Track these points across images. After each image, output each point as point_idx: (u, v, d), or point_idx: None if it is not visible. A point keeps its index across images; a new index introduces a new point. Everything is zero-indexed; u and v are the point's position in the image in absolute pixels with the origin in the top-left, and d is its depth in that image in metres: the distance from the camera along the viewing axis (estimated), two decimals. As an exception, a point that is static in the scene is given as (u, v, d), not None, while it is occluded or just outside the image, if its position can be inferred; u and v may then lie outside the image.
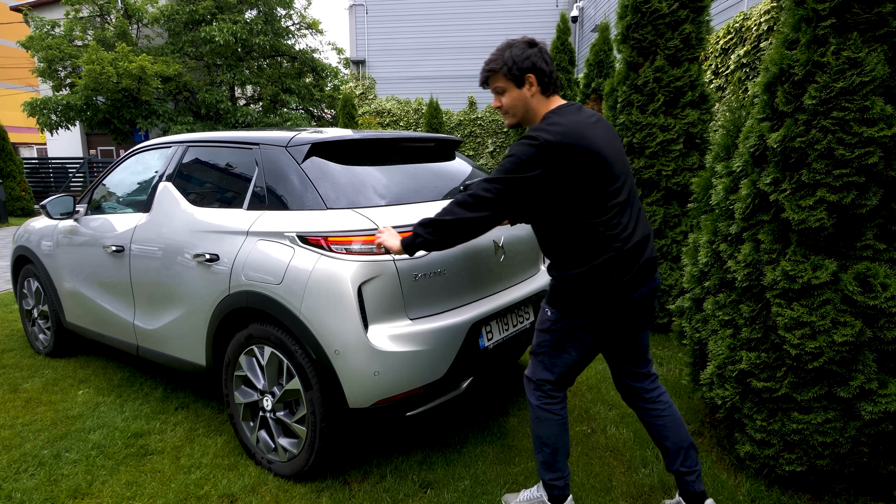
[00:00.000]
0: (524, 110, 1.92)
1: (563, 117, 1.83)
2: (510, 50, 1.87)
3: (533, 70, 1.86)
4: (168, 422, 2.98)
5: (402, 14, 14.81)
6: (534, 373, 2.06)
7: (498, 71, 1.89)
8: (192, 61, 18.02)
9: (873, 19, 2.10)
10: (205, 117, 18.33)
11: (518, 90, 1.89)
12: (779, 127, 2.34)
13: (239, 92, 20.44)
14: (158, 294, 2.91)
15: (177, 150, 3.09)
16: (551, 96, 1.93)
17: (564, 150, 1.74)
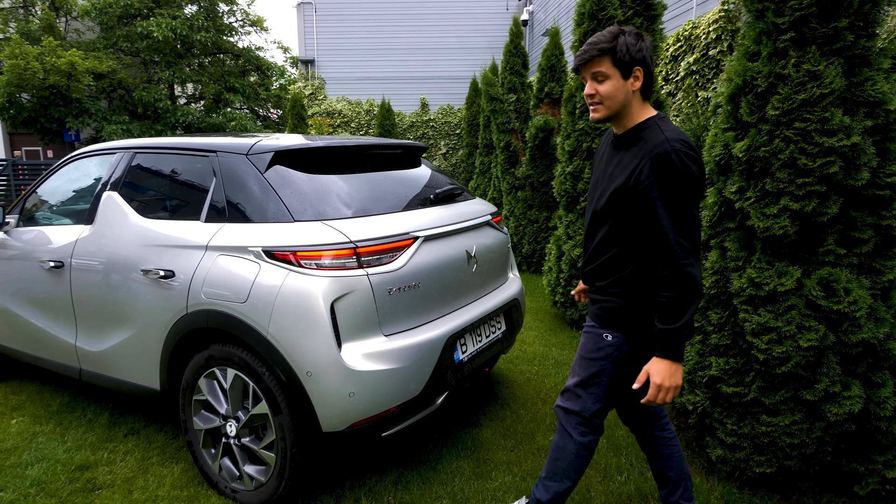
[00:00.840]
0: (621, 105, 1.72)
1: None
2: (623, 36, 1.67)
3: (643, 64, 1.69)
4: (117, 451, 2.76)
5: (352, 13, 14.57)
6: (584, 408, 1.85)
7: (607, 53, 1.67)
8: (128, 57, 17.08)
9: (830, 33, 2.17)
10: (142, 117, 17.42)
11: (623, 81, 1.69)
12: (743, 136, 2.39)
13: (179, 90, 19.57)
14: (105, 313, 2.68)
15: (122, 157, 2.87)
16: (646, 101, 1.78)
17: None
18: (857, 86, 2.20)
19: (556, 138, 6.26)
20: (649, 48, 1.73)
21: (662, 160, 1.61)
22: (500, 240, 3.04)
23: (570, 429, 1.89)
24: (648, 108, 1.78)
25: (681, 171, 1.61)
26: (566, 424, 1.90)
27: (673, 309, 1.62)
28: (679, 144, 1.62)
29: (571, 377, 1.93)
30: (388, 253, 2.24)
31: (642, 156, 1.67)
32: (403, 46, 14.79)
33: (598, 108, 1.76)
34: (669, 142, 1.62)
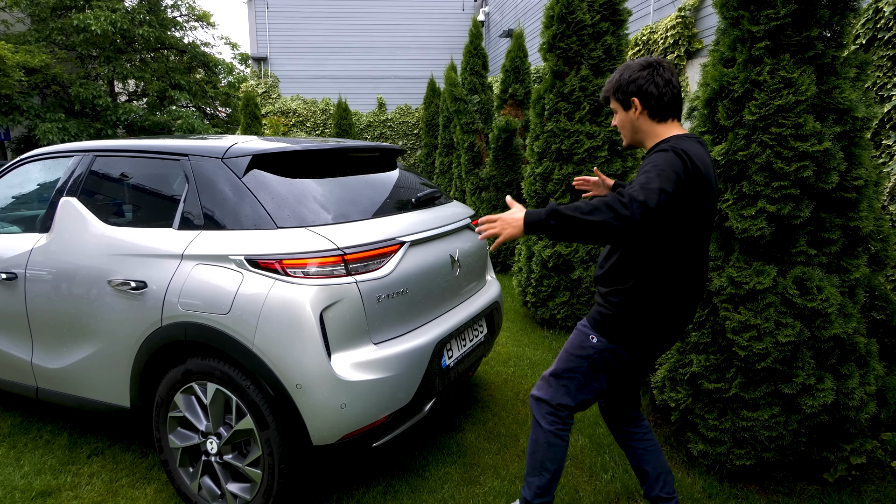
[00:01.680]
0: (632, 131, 1.87)
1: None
2: (623, 73, 1.84)
3: (637, 94, 1.80)
4: (81, 473, 2.58)
5: (307, 10, 14.25)
6: (552, 396, 1.93)
7: (609, 94, 1.89)
8: (63, 52, 16.14)
9: (803, 42, 2.27)
10: (80, 114, 16.50)
11: (625, 112, 1.85)
12: (720, 140, 2.47)
13: (120, 87, 18.65)
14: (66, 328, 2.50)
15: (81, 161, 2.68)
16: (668, 121, 1.82)
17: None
18: (826, 93, 2.30)
19: (518, 139, 6.31)
20: (649, 76, 1.78)
21: (655, 151, 1.74)
22: (479, 243, 3.03)
23: (540, 418, 1.95)
24: (672, 128, 1.83)
25: (669, 155, 1.66)
26: (536, 414, 1.97)
27: (584, 207, 1.60)
28: (681, 149, 1.68)
29: (550, 367, 2.01)
30: (375, 259, 2.19)
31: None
32: (360, 45, 14.60)
33: (621, 136, 1.93)
34: (669, 143, 1.73)
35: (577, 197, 4.42)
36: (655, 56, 1.88)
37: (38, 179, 2.85)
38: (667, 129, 1.82)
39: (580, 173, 4.35)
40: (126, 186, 2.57)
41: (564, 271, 4.45)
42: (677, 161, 1.65)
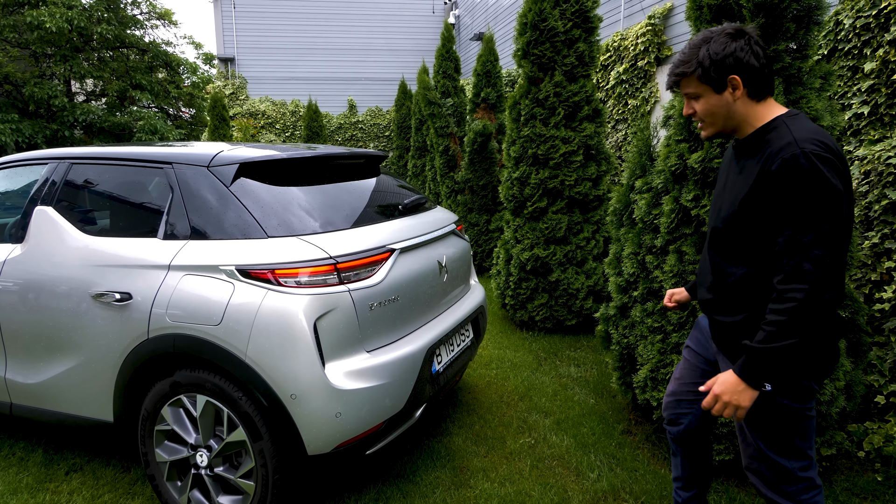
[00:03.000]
0: (726, 118, 1.53)
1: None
2: (706, 47, 1.47)
3: (737, 69, 1.46)
4: (61, 491, 2.51)
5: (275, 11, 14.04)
6: (788, 465, 1.54)
7: (690, 75, 1.51)
8: (15, 49, 15.47)
9: (771, 55, 2.38)
10: (34, 115, 15.84)
11: (718, 95, 1.50)
12: (696, 148, 2.57)
13: (77, 86, 17.98)
14: (42, 341, 2.43)
15: (56, 168, 2.61)
16: (766, 99, 1.53)
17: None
18: (793, 103, 2.42)
19: (493, 143, 6.38)
20: (746, 45, 1.47)
21: (787, 165, 1.37)
22: (464, 248, 3.07)
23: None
24: (772, 107, 1.53)
25: (812, 176, 1.34)
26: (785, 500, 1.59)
27: (774, 332, 1.38)
28: (811, 145, 1.37)
29: (753, 451, 1.60)
30: (367, 267, 2.20)
31: (766, 160, 1.43)
32: (330, 47, 14.47)
33: (704, 126, 1.59)
34: (798, 143, 1.38)
35: (554, 200, 4.51)
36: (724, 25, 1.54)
37: (6, 188, 2.75)
38: (768, 109, 1.52)
39: (556, 177, 4.43)
40: (106, 195, 2.51)
41: (543, 274, 4.53)
42: (822, 179, 1.34)
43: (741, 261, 1.54)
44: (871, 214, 3.03)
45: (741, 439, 1.64)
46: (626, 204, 3.07)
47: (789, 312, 1.36)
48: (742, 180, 1.53)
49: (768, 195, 1.43)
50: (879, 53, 3.12)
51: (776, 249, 1.41)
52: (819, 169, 1.35)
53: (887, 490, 2.42)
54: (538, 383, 3.62)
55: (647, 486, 2.50)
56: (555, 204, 4.51)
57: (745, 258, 1.53)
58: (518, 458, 2.76)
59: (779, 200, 1.40)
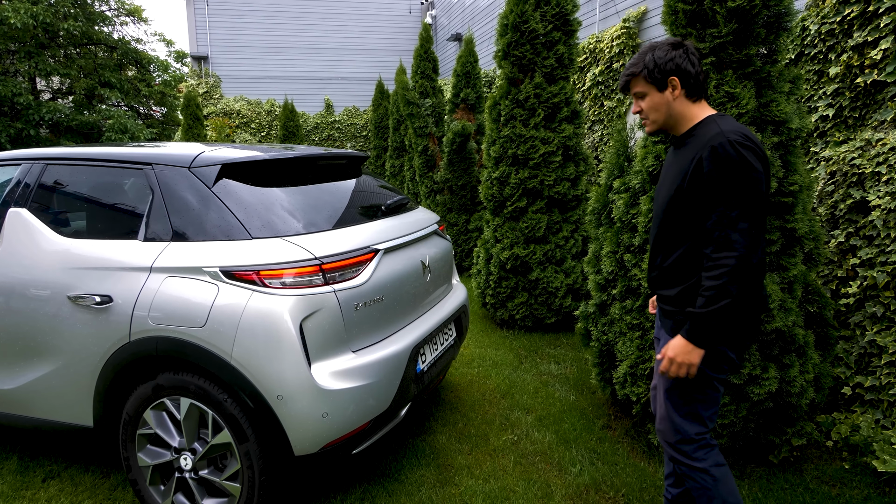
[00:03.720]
0: (667, 115, 1.77)
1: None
2: (652, 53, 1.75)
3: (677, 73, 1.72)
4: (38, 499, 2.46)
5: (250, 9, 13.84)
6: (688, 429, 1.77)
7: (638, 75, 1.77)
8: (-24, 46, 14.96)
9: (743, 59, 2.47)
10: None
11: (660, 94, 1.76)
12: (673, 150, 2.64)
13: (42, 84, 17.48)
14: (17, 346, 2.38)
15: (30, 169, 2.55)
16: (699, 101, 1.77)
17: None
18: (764, 106, 2.51)
19: (472, 143, 6.42)
20: (684, 54, 1.74)
21: (717, 152, 1.60)
22: (446, 248, 3.10)
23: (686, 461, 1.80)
24: (705, 108, 1.78)
25: (737, 160, 1.58)
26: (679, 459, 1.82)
27: (711, 297, 1.60)
28: (735, 135, 1.61)
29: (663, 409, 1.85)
30: (352, 268, 2.21)
31: (696, 150, 1.67)
32: (306, 46, 14.33)
33: (647, 122, 1.83)
34: (724, 133, 1.61)
35: (533, 200, 4.57)
36: (666, 39, 1.81)
37: (-21, 189, 2.67)
38: (701, 109, 1.77)
39: (536, 178, 4.49)
40: (83, 197, 2.46)
41: (522, 273, 4.58)
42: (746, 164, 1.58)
43: (678, 241, 1.77)
44: (837, 213, 3.15)
45: (656, 406, 1.91)
46: (604, 204, 3.13)
47: (723, 277, 1.59)
48: (676, 170, 1.76)
49: (700, 178, 1.65)
50: (843, 58, 3.25)
51: (708, 224, 1.65)
52: (742, 154, 1.59)
53: (854, 477, 2.53)
54: (519, 381, 3.67)
55: (628, 479, 2.56)
56: (534, 203, 4.57)
57: (681, 239, 1.76)
58: (501, 455, 2.80)
59: (709, 182, 1.63)
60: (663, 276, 1.83)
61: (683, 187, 1.70)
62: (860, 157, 3.05)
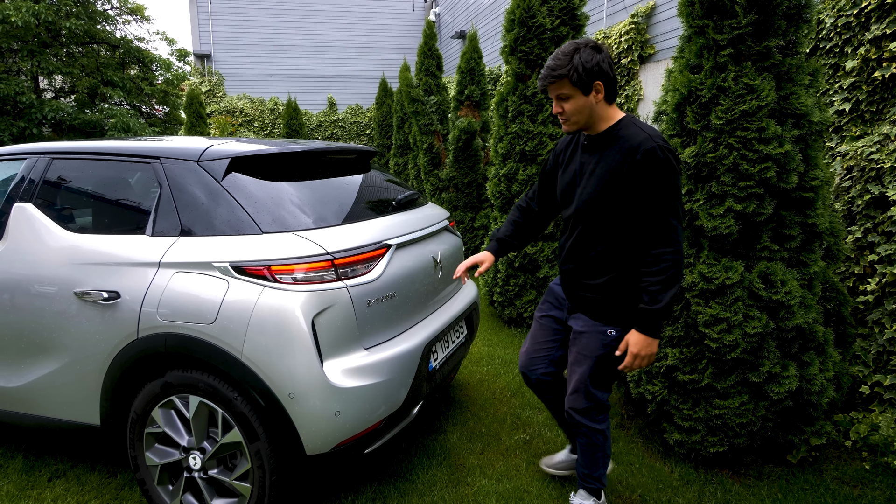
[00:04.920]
0: (588, 117, 1.86)
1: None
2: (578, 54, 1.77)
3: (601, 76, 1.79)
4: (44, 499, 2.41)
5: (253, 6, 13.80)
6: (601, 397, 2.04)
7: (564, 77, 1.79)
8: (-21, 44, 14.93)
9: (763, 51, 2.41)
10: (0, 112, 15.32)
11: (585, 97, 1.81)
12: (690, 143, 2.59)
13: (45, 83, 17.45)
14: (22, 343, 2.33)
15: (35, 164, 2.50)
16: (613, 104, 1.89)
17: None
18: (784, 99, 2.46)
19: (478, 140, 6.37)
20: (607, 58, 1.84)
21: (651, 155, 1.75)
22: (456, 244, 3.05)
23: (593, 424, 2.08)
24: (616, 111, 1.91)
25: (668, 164, 1.76)
26: (586, 422, 2.09)
27: (658, 291, 1.80)
28: (660, 141, 1.78)
29: (577, 379, 2.06)
30: (364, 263, 2.16)
31: (627, 152, 1.80)
32: (309, 44, 14.29)
33: (568, 123, 1.91)
34: (652, 139, 1.77)
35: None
36: (584, 39, 1.87)
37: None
38: (614, 111, 1.89)
39: (544, 174, 4.44)
40: (90, 191, 2.42)
41: (531, 270, 4.53)
42: (673, 166, 1.78)
43: (604, 235, 1.90)
44: (854, 209, 3.10)
45: (571, 381, 2.08)
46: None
47: (668, 270, 1.78)
48: (602, 168, 1.86)
49: (631, 179, 1.78)
50: (861, 52, 3.19)
51: (645, 223, 1.80)
52: (669, 158, 1.76)
53: (875, 478, 2.47)
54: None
55: (643, 480, 2.51)
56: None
57: (607, 233, 1.89)
58: (514, 455, 2.75)
59: (642, 183, 1.77)
60: (588, 266, 1.97)
61: (615, 187, 1.81)
62: (878, 151, 3.00)
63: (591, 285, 1.98)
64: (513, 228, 2.29)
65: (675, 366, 2.59)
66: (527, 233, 2.31)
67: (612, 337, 1.97)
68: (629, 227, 1.86)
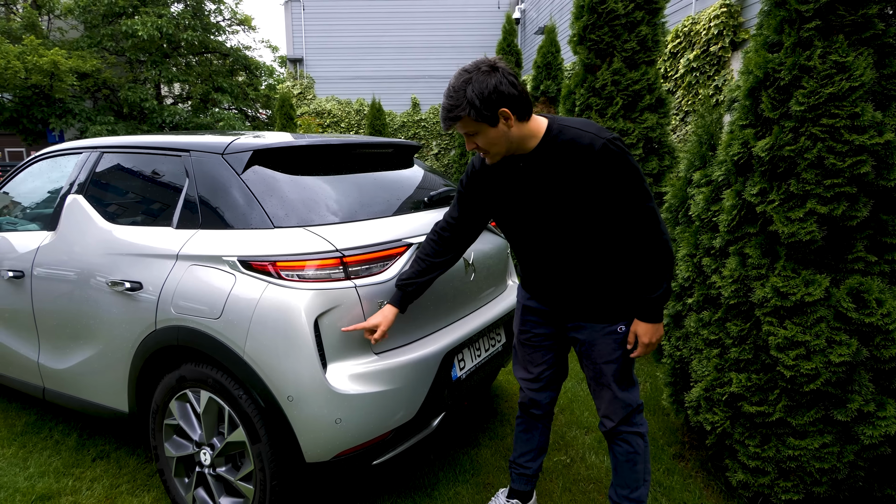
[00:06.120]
0: (508, 144, 1.66)
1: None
2: (470, 87, 1.55)
3: (504, 102, 1.57)
4: (84, 478, 2.53)
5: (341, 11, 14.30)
6: (633, 398, 1.93)
7: (463, 116, 1.58)
8: (113, 56, 16.75)
9: (859, 21, 1.99)
10: (128, 117, 17.08)
11: (494, 128, 1.61)
12: (765, 134, 2.21)
13: (166, 90, 19.23)
14: (68, 328, 2.45)
15: (89, 157, 2.64)
16: (531, 117, 1.69)
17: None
18: (887, 78, 2.02)
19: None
20: (505, 76, 1.58)
21: (605, 153, 1.61)
22: (499, 245, 2.84)
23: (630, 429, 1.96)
24: (538, 121, 1.71)
25: (623, 155, 1.64)
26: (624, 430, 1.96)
27: (656, 279, 1.75)
28: (606, 133, 1.65)
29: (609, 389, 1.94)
30: (378, 262, 2.03)
31: (577, 158, 1.64)
32: (394, 45, 14.56)
33: (489, 156, 1.72)
34: (598, 135, 1.63)
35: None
36: (477, 60, 1.64)
37: (50, 177, 2.82)
38: (535, 122, 1.69)
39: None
40: (129, 184, 2.50)
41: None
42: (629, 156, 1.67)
43: (582, 243, 1.77)
44: None
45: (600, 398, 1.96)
46: (682, 199, 2.73)
47: (662, 257, 1.73)
48: (556, 181, 1.68)
49: (592, 181, 1.64)
50: None
51: (622, 216, 1.68)
52: (622, 149, 1.65)
53: None
54: (583, 395, 3.32)
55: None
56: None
57: (584, 240, 1.76)
58: (549, 478, 2.50)
59: (605, 182, 1.64)
60: (578, 276, 1.84)
61: (578, 193, 1.67)
62: None
63: (589, 292, 1.87)
64: (422, 266, 1.94)
65: (741, 394, 2.22)
66: (438, 268, 1.97)
67: (623, 333, 1.88)
68: (606, 225, 1.74)
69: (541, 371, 2.10)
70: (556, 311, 2.00)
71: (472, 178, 1.90)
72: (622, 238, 1.75)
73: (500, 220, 1.94)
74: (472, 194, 1.91)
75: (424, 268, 1.93)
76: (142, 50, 16.63)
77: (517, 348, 2.16)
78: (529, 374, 2.12)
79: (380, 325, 1.87)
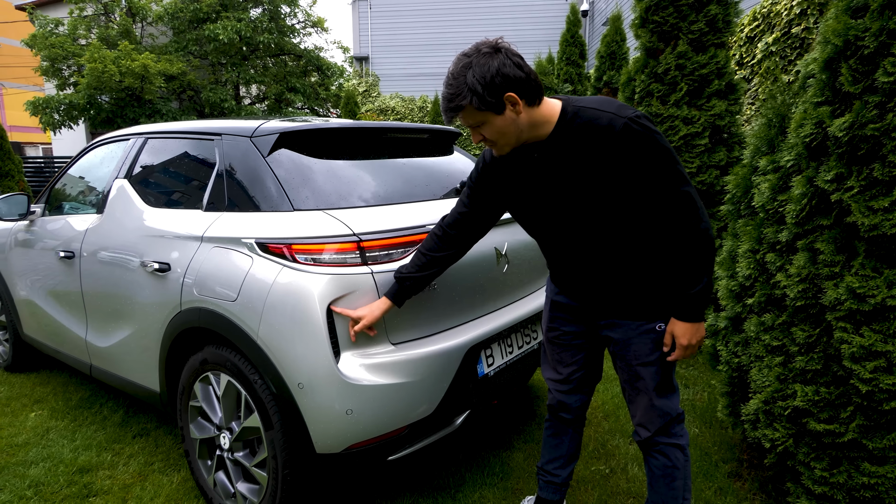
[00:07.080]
0: (517, 133, 1.49)
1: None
2: (470, 72, 1.40)
3: (510, 86, 1.40)
4: (122, 453, 2.60)
5: (406, 9, 14.41)
6: (672, 406, 1.75)
7: (466, 105, 1.43)
8: (197, 60, 17.74)
9: None
10: (209, 116, 18.06)
11: (500, 116, 1.45)
12: (844, 111, 1.92)
13: (244, 91, 20.15)
14: (110, 307, 2.53)
15: (135, 143, 2.72)
16: (542, 100, 1.51)
17: None
18: None
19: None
20: (508, 56, 1.42)
21: (627, 133, 1.44)
22: (540, 237, 2.67)
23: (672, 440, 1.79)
24: (551, 104, 1.53)
25: (649, 133, 1.46)
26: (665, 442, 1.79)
27: (695, 272, 1.57)
28: (628, 111, 1.47)
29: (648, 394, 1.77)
30: (398, 248, 1.94)
31: (598, 141, 1.47)
32: (457, 41, 14.48)
33: (497, 147, 1.56)
34: (618, 115, 1.46)
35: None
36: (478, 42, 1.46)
37: (103, 162, 2.94)
38: (547, 106, 1.51)
39: (675, 164, 3.80)
40: (167, 168, 2.54)
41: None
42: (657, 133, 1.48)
43: (613, 234, 1.59)
44: None
45: (636, 403, 1.77)
46: (745, 189, 2.44)
47: (701, 247, 1.55)
48: (578, 168, 1.52)
49: (618, 165, 1.47)
50: None
51: (657, 202, 1.51)
52: (648, 127, 1.46)
53: None
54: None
55: (748, 552, 1.92)
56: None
57: (616, 230, 1.59)
58: (585, 488, 2.31)
59: (633, 165, 1.47)
60: (612, 270, 1.67)
61: (605, 180, 1.50)
62: None
63: (621, 285, 1.69)
64: (423, 261, 1.80)
65: (807, 409, 1.94)
66: (439, 264, 1.82)
67: (662, 332, 1.70)
68: (638, 213, 1.56)
69: (570, 372, 1.93)
70: (587, 308, 1.82)
71: (483, 172, 1.74)
72: (656, 227, 1.57)
73: (518, 215, 1.77)
74: (483, 189, 1.75)
75: (425, 262, 1.79)
76: (223, 53, 17.51)
77: (546, 347, 2.00)
78: (559, 374, 1.96)
79: (363, 318, 1.74)
